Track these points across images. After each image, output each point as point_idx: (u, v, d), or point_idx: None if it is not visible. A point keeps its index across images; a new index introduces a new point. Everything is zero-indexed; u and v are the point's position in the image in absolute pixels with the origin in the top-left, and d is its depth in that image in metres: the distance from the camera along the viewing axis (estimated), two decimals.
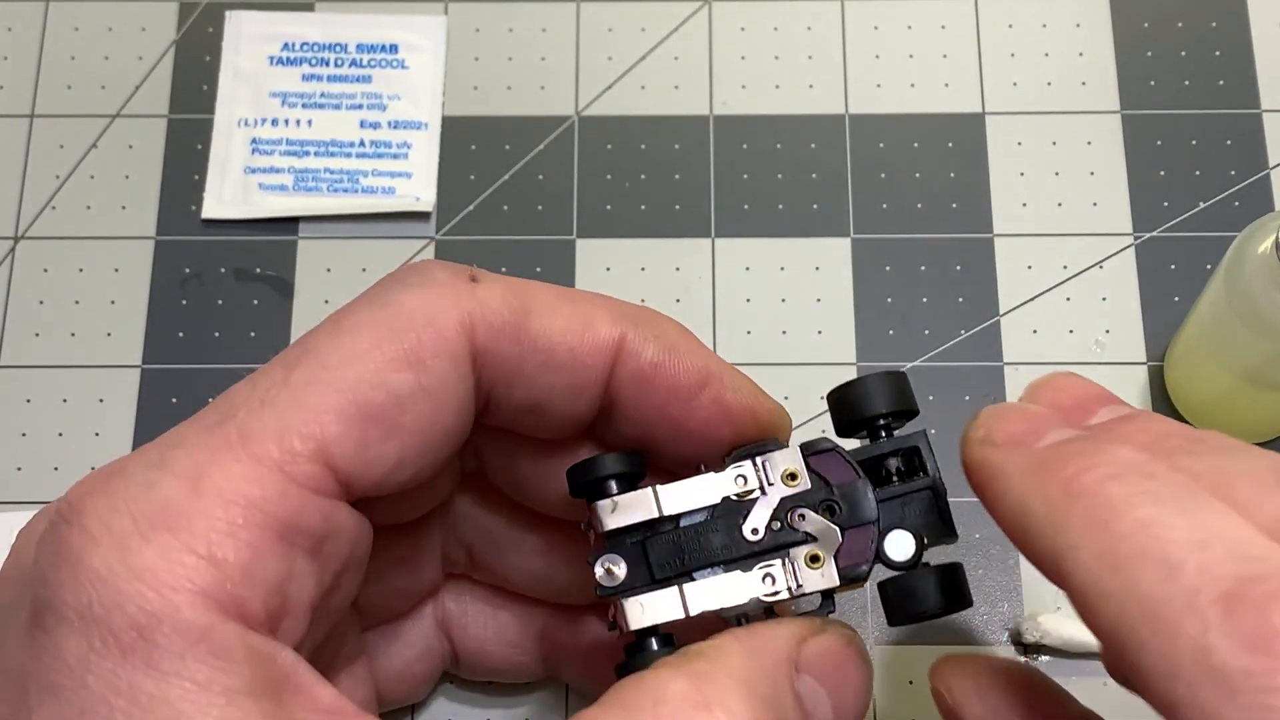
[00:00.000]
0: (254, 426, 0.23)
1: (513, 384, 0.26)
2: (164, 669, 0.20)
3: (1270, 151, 0.43)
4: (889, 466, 0.28)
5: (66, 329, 0.42)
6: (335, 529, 0.24)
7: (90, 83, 0.45)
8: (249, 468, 0.22)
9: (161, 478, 0.22)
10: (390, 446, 0.24)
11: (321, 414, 0.23)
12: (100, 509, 0.22)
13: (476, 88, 0.45)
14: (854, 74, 0.45)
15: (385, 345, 0.24)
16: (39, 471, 0.41)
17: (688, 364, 0.27)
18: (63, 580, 0.21)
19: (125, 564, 0.21)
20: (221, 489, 0.22)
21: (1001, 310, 0.42)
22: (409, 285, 0.25)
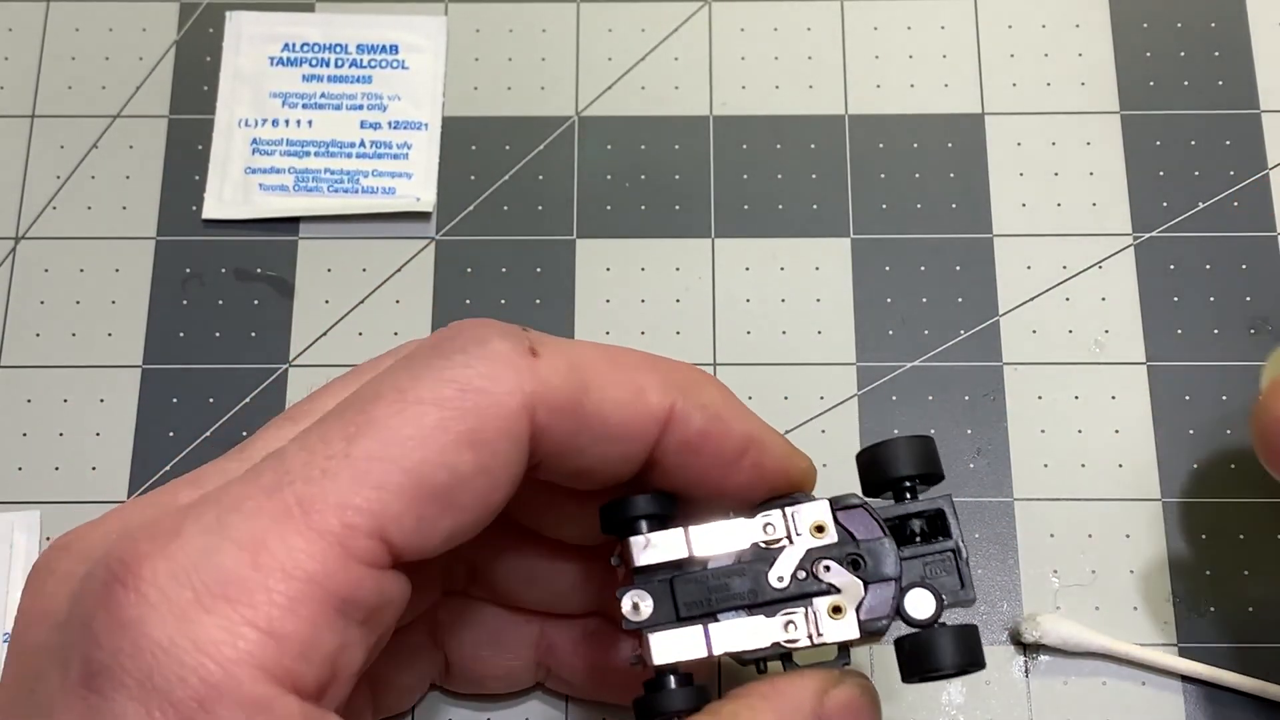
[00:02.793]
0: (314, 497, 0.23)
1: (565, 455, 0.26)
2: None
3: (1269, 152, 0.43)
4: (913, 527, 0.29)
5: (67, 329, 0.42)
6: (386, 600, 0.24)
7: (91, 83, 0.45)
8: (309, 541, 0.22)
9: (221, 545, 0.22)
10: (445, 523, 0.24)
11: (384, 492, 0.23)
12: (159, 574, 0.22)
13: (476, 88, 0.45)
14: (854, 74, 0.45)
15: (451, 425, 0.24)
16: (39, 471, 0.41)
17: (732, 432, 0.28)
18: (121, 646, 0.21)
19: (186, 635, 0.21)
20: (282, 562, 0.22)
21: (1001, 310, 0.42)
22: (471, 357, 0.25)
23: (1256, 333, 0.42)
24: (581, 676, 0.34)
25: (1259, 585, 0.39)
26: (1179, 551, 0.39)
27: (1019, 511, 0.40)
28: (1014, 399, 0.41)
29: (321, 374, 0.41)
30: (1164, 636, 0.38)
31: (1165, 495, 0.40)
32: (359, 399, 0.25)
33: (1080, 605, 0.39)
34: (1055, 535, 0.39)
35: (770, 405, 0.41)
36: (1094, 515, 0.39)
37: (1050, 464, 0.40)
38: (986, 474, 0.40)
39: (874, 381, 0.41)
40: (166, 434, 0.41)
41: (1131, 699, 0.38)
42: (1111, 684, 0.38)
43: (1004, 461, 0.40)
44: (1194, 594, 0.39)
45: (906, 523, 0.29)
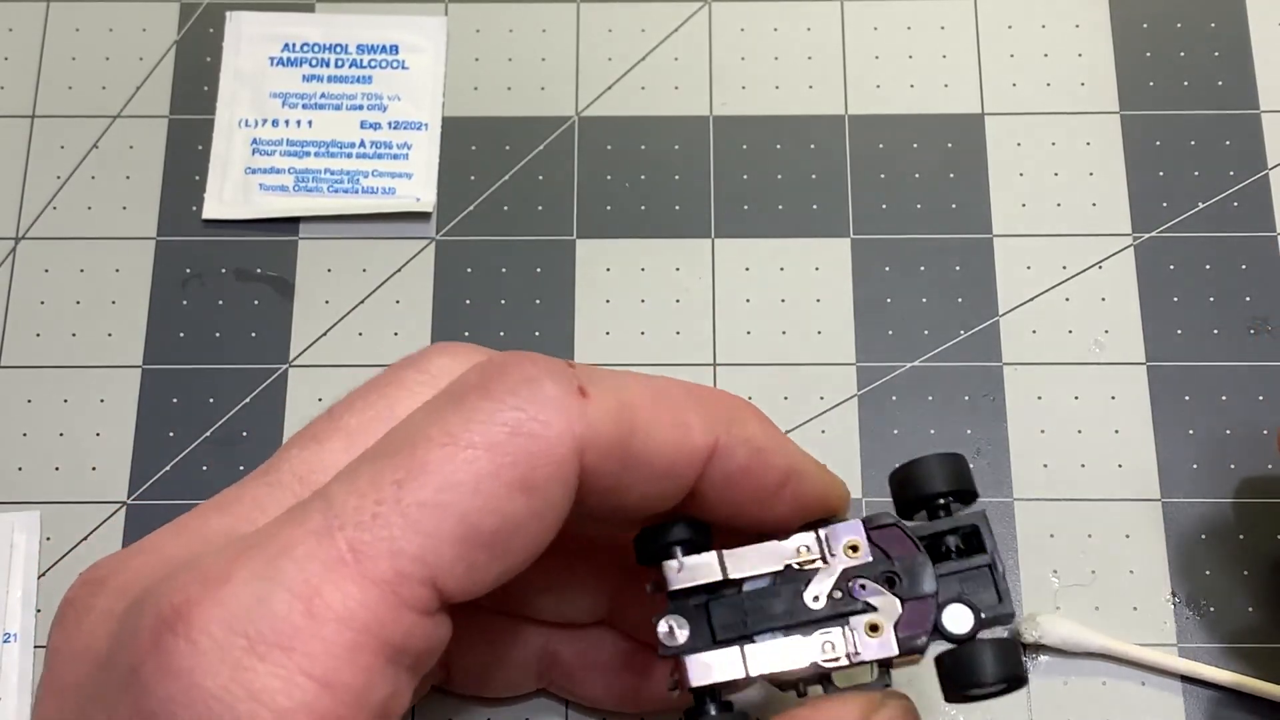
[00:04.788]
0: (366, 544, 0.23)
1: (608, 493, 0.26)
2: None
3: (1269, 152, 0.43)
4: (948, 544, 0.29)
5: (67, 329, 0.42)
6: (436, 644, 0.24)
7: (91, 83, 0.45)
8: (363, 589, 0.22)
9: (273, 592, 0.22)
10: (495, 567, 0.24)
11: (436, 540, 0.23)
12: (211, 622, 0.22)
13: (476, 88, 0.45)
14: (853, 74, 0.45)
15: (503, 472, 0.24)
16: (39, 471, 0.41)
17: (774, 465, 0.28)
18: (172, 695, 0.21)
19: (240, 684, 0.21)
20: (337, 611, 0.22)
21: (1001, 310, 0.42)
22: (523, 400, 0.25)
23: (1256, 333, 0.42)
24: (585, 688, 0.34)
25: (1259, 585, 0.39)
26: (1179, 551, 0.39)
27: (1019, 511, 0.40)
28: (1014, 399, 0.41)
29: (321, 374, 0.41)
30: (1164, 636, 0.38)
31: (1165, 495, 0.40)
32: (407, 439, 0.24)
33: (1080, 605, 0.39)
34: (1055, 535, 0.39)
35: (770, 405, 0.41)
36: (1094, 515, 0.40)
37: (1050, 464, 0.40)
38: (986, 474, 0.40)
39: (874, 381, 0.41)
40: (166, 434, 0.41)
41: (1131, 699, 0.38)
42: (1111, 684, 0.38)
43: (1004, 461, 0.40)
44: (1194, 594, 0.39)
45: (941, 540, 0.29)
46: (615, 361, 0.41)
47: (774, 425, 0.29)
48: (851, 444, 0.40)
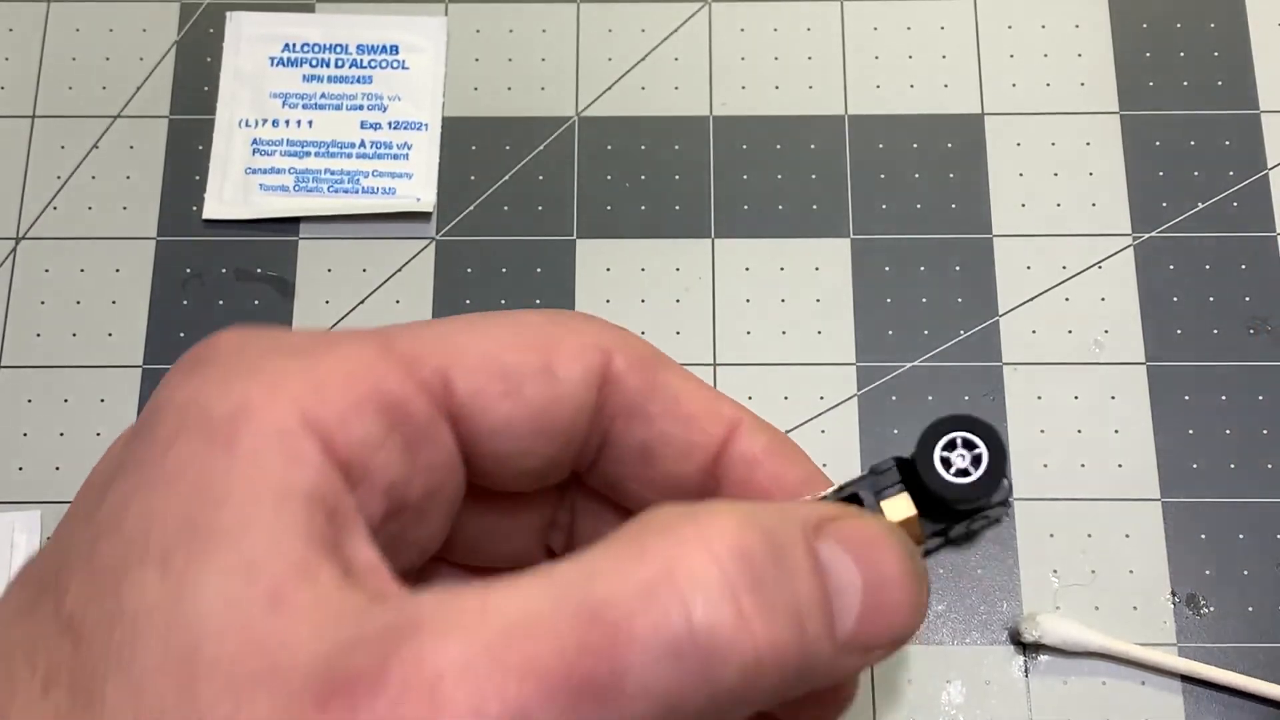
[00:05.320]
0: (394, 333, 0.24)
1: (633, 419, 0.26)
2: (235, 451, 0.20)
3: (1269, 152, 0.43)
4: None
5: (68, 329, 0.42)
6: (435, 436, 0.24)
7: (91, 83, 0.45)
8: (379, 354, 0.23)
9: (297, 333, 0.23)
10: (504, 405, 0.24)
11: (457, 346, 0.24)
12: (234, 332, 0.23)
13: (477, 88, 0.45)
14: (853, 75, 0.45)
15: (533, 329, 0.25)
16: (39, 471, 0.41)
17: (794, 469, 0.27)
18: (172, 382, 0.22)
19: (241, 364, 0.22)
20: (348, 352, 0.22)
21: (1000, 310, 0.42)
22: (565, 313, 0.26)
23: (1256, 333, 0.42)
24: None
25: (1259, 585, 0.39)
26: (1179, 551, 0.39)
27: (1019, 511, 0.40)
28: (1014, 399, 0.41)
29: None
30: (1164, 636, 0.38)
31: (1165, 495, 0.40)
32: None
33: (1080, 605, 0.39)
34: (1055, 535, 0.39)
35: (770, 405, 0.41)
36: (1094, 515, 0.40)
37: (1050, 464, 0.40)
38: None
39: (874, 381, 0.41)
40: None
41: (1131, 699, 0.38)
42: (1111, 684, 0.38)
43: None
44: (1194, 594, 0.39)
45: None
46: None
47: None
48: (851, 444, 0.40)
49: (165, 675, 0.18)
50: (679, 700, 0.18)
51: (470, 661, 0.18)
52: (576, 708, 0.18)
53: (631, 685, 0.18)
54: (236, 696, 0.18)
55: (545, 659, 0.18)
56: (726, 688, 0.19)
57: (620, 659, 0.18)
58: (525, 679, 0.18)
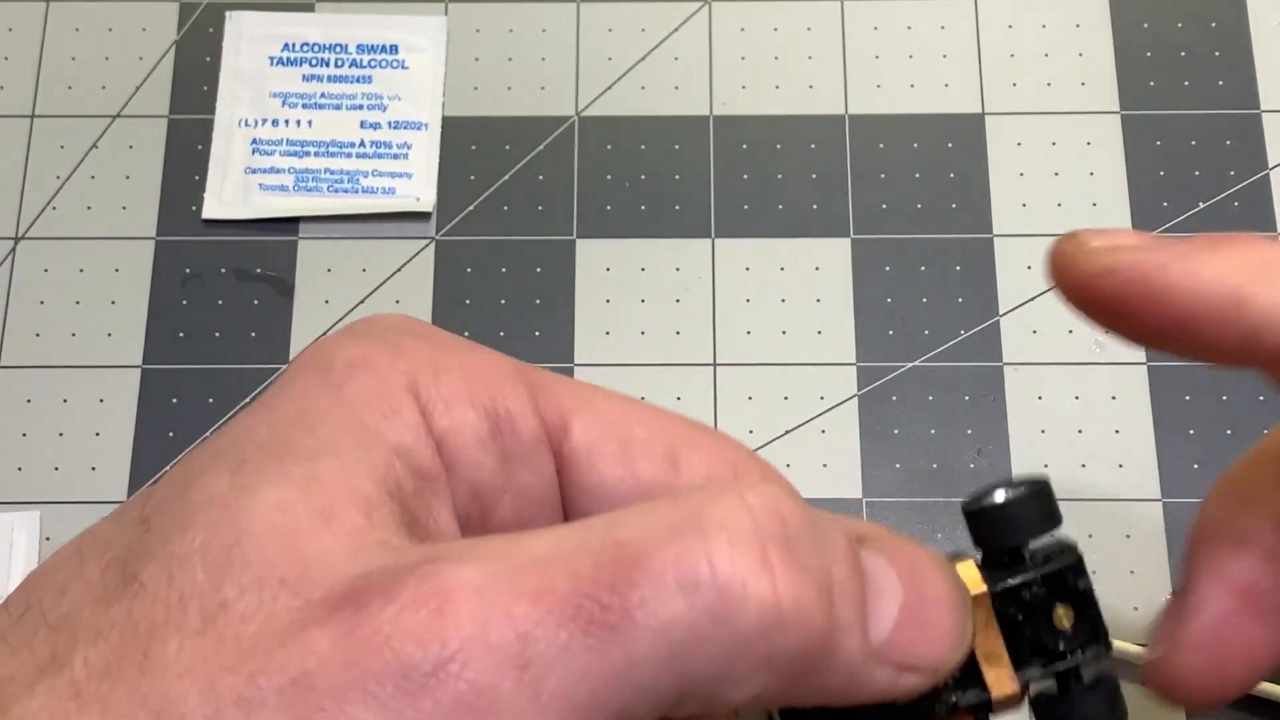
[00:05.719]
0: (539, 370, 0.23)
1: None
2: (342, 394, 0.21)
3: (1270, 152, 0.43)
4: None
5: (67, 329, 0.42)
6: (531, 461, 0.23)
7: (91, 83, 0.45)
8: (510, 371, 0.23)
9: (447, 335, 0.23)
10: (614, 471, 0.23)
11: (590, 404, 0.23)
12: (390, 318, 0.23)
13: (476, 88, 0.45)
14: (854, 74, 0.45)
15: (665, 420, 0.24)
16: (39, 471, 0.41)
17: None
18: (321, 339, 0.22)
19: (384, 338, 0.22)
20: (481, 360, 0.23)
21: (1001, 310, 0.42)
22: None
23: None
24: None
25: None
26: (1179, 552, 0.39)
27: None
28: (1014, 399, 0.41)
29: None
30: None
31: (1165, 495, 0.40)
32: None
33: None
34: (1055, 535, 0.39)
35: (770, 405, 0.41)
36: (1094, 515, 0.39)
37: (1050, 464, 0.40)
38: (987, 474, 0.40)
39: (874, 382, 0.41)
40: (166, 434, 0.41)
41: (1131, 699, 0.38)
42: None
43: (1004, 461, 0.40)
44: None
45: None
46: (615, 362, 0.41)
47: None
48: (851, 444, 0.40)
49: (200, 562, 0.19)
50: (691, 641, 0.18)
51: (483, 584, 0.18)
52: (584, 633, 0.17)
53: (642, 615, 0.17)
54: (260, 594, 0.18)
55: (557, 585, 0.18)
56: (743, 637, 0.18)
57: (633, 589, 0.17)
58: (535, 602, 0.17)
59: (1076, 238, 0.24)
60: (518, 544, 0.19)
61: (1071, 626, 0.24)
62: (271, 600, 0.18)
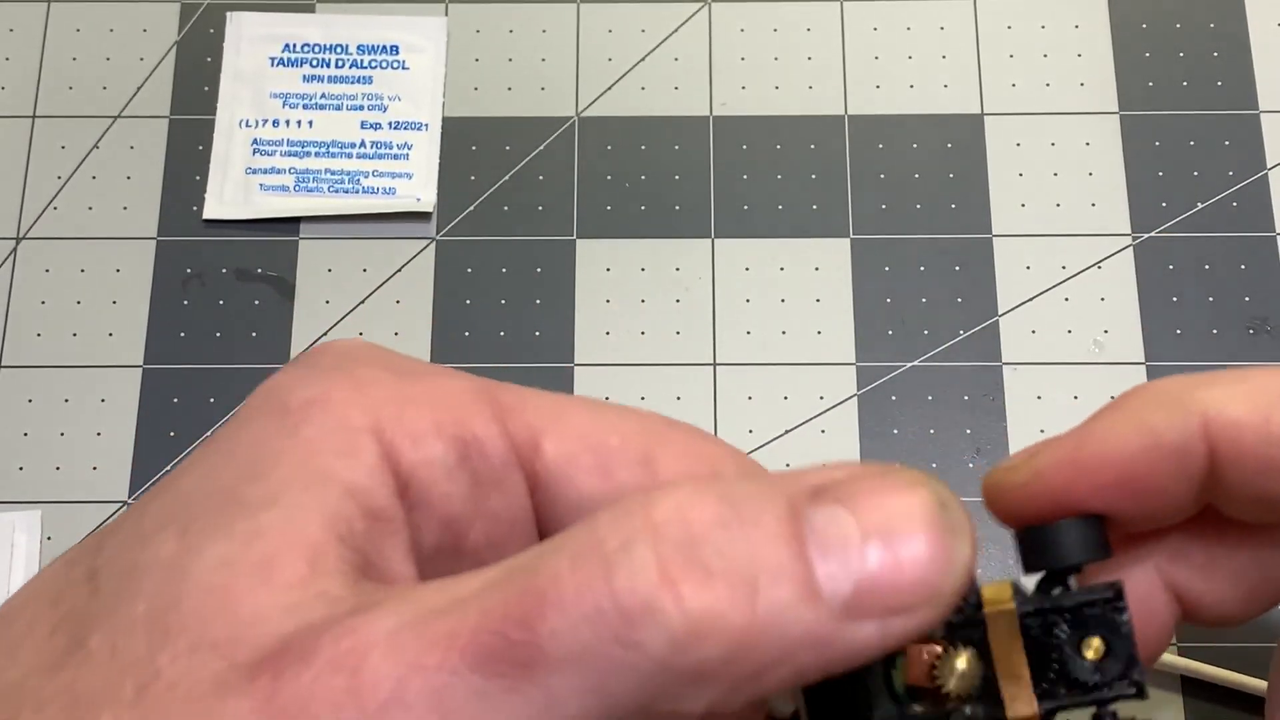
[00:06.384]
0: (503, 386, 0.23)
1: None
2: (297, 434, 0.20)
3: (1268, 152, 0.43)
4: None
5: (68, 329, 0.42)
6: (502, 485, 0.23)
7: (92, 84, 0.45)
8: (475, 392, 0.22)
9: (405, 359, 0.23)
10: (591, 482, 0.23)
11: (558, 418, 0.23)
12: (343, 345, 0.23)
13: (477, 88, 0.45)
14: (853, 75, 0.45)
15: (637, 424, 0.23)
16: (40, 471, 0.41)
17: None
18: (274, 374, 0.22)
19: (334, 369, 0.22)
20: (443, 383, 0.22)
21: (1000, 310, 0.42)
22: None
23: (1255, 333, 0.42)
24: None
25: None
26: None
27: None
28: (1013, 399, 0.41)
29: None
30: None
31: None
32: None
33: None
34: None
35: (770, 405, 0.41)
36: None
37: None
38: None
39: (874, 381, 0.41)
40: (166, 434, 0.41)
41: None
42: None
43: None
44: None
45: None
46: (615, 362, 0.41)
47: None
48: (851, 444, 0.40)
49: (143, 630, 0.18)
50: (608, 669, 0.17)
51: (399, 636, 0.17)
52: (499, 674, 0.17)
53: (553, 648, 0.17)
54: (190, 660, 0.18)
55: (468, 628, 0.17)
56: (656, 657, 0.17)
57: (541, 622, 0.17)
58: (448, 649, 0.17)
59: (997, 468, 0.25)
60: (443, 588, 0.18)
61: (1102, 659, 0.23)
62: (200, 665, 0.18)
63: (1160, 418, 0.24)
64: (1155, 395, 0.25)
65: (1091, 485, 0.24)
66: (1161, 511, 0.25)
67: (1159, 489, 0.24)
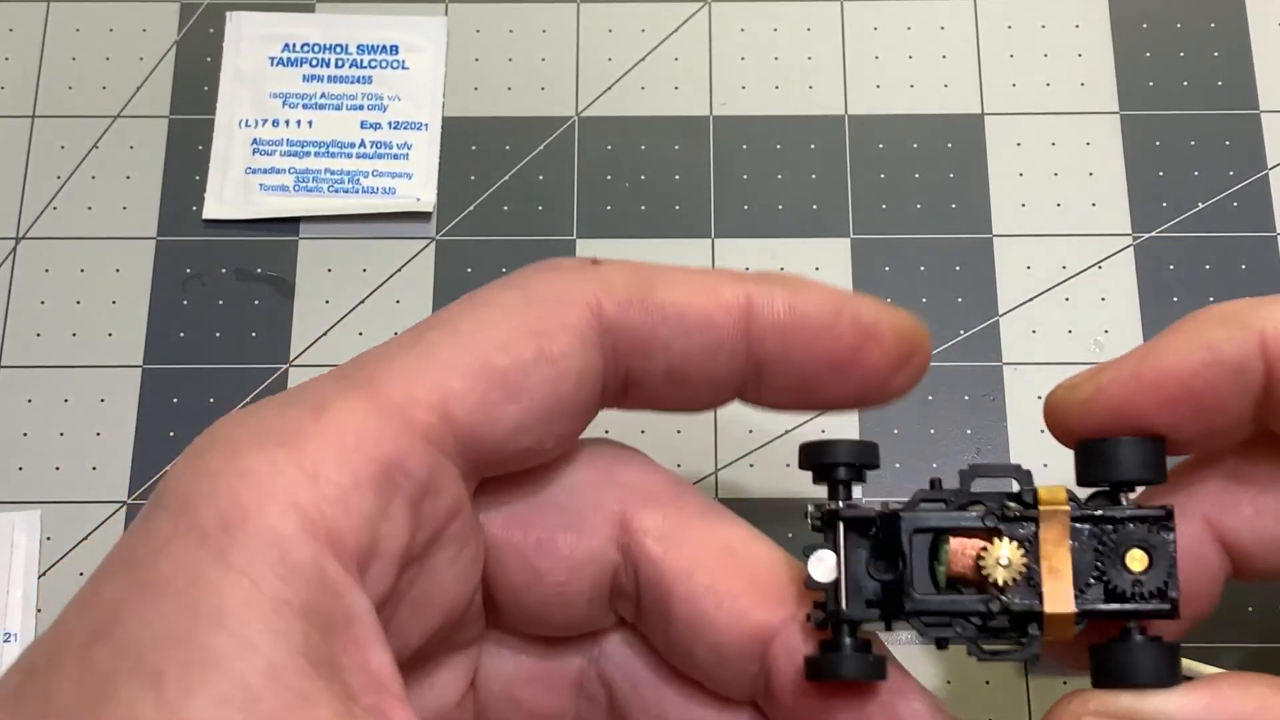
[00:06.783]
0: (383, 375, 0.24)
1: (649, 353, 0.26)
2: (230, 563, 0.21)
3: (1269, 152, 0.43)
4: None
5: (67, 329, 0.42)
6: (439, 483, 0.24)
7: (91, 83, 0.45)
8: (370, 406, 0.23)
9: (289, 405, 0.23)
10: (511, 409, 0.25)
11: (448, 369, 0.24)
12: (232, 422, 0.23)
13: (477, 88, 0.45)
14: (853, 74, 0.45)
15: (515, 318, 0.25)
16: (39, 471, 0.41)
17: (817, 298, 0.27)
18: (176, 473, 0.22)
19: (233, 465, 0.22)
20: (340, 421, 0.23)
21: (1000, 310, 0.42)
22: (538, 270, 0.27)
23: None
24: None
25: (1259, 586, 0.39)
26: None
27: None
28: (1014, 399, 0.41)
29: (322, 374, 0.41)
30: None
31: None
32: (437, 312, 0.26)
33: None
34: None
35: None
36: None
37: (1050, 464, 0.40)
38: None
39: None
40: (166, 434, 0.41)
41: None
42: None
43: (1003, 461, 0.40)
44: None
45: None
46: None
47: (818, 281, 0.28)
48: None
49: None
50: None
51: None
52: None
53: None
54: None
55: None
56: None
57: None
58: None
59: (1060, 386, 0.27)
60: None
61: (1143, 572, 0.25)
62: None
63: (1220, 334, 0.25)
64: (1216, 315, 0.25)
65: (1154, 400, 0.25)
66: (1220, 429, 0.26)
67: (1218, 404, 0.25)
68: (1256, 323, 0.25)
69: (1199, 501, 0.27)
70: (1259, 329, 0.25)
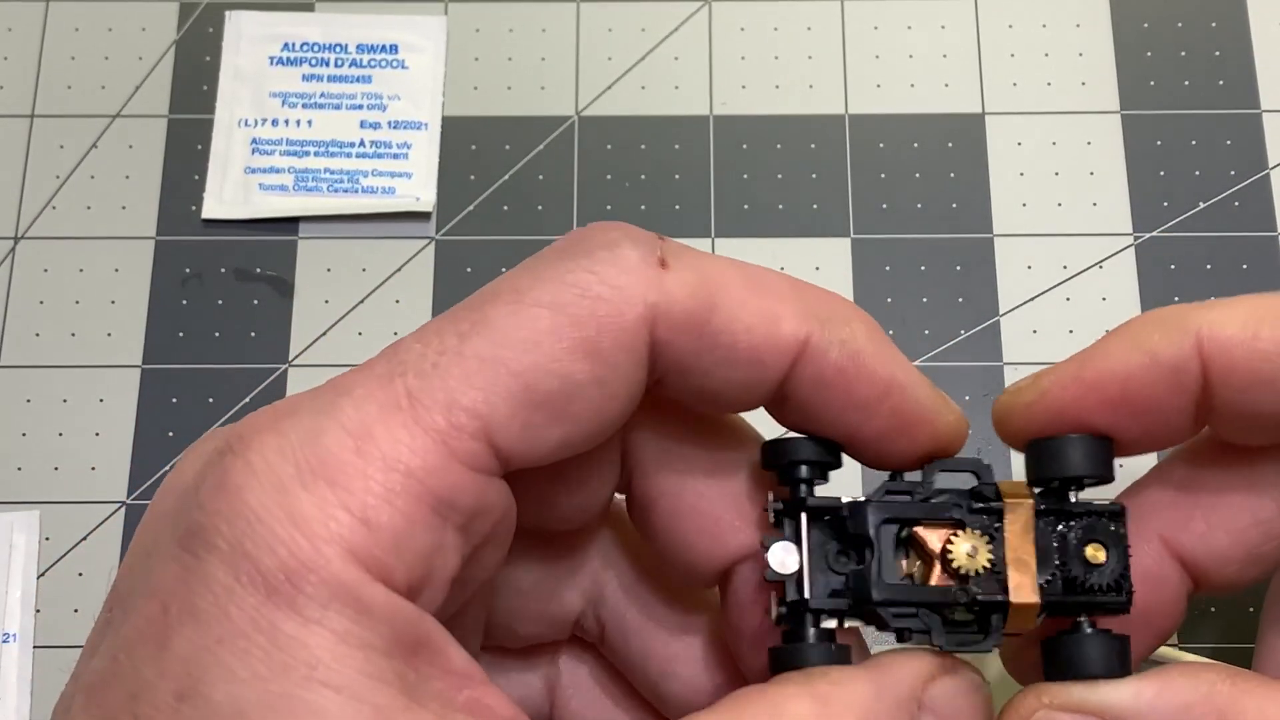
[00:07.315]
0: (423, 391, 0.23)
1: (688, 374, 0.25)
2: (306, 615, 0.20)
3: (1270, 152, 0.43)
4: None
5: (67, 329, 0.42)
6: (487, 507, 0.24)
7: (90, 83, 0.45)
8: (413, 436, 0.22)
9: (328, 427, 0.22)
10: (555, 432, 0.24)
11: (492, 394, 0.23)
12: (266, 446, 0.22)
13: (476, 88, 0.45)
14: (854, 74, 0.45)
15: (565, 332, 0.23)
16: (39, 471, 0.41)
17: (871, 373, 0.26)
18: (219, 509, 0.21)
19: (282, 508, 0.21)
20: (384, 453, 0.22)
21: (1001, 310, 0.42)
22: (596, 262, 0.24)
23: None
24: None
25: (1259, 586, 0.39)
26: None
27: None
28: None
29: (322, 374, 0.41)
30: None
31: None
32: (479, 296, 0.25)
33: None
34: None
35: None
36: None
37: None
38: None
39: None
40: (166, 434, 0.41)
41: None
42: None
43: (1004, 461, 0.40)
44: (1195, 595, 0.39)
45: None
46: None
47: (882, 333, 0.27)
48: None
49: None
50: None
51: None
52: None
53: None
54: None
55: None
56: None
57: None
58: None
59: (1005, 392, 0.27)
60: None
61: (1101, 565, 0.25)
62: None
63: (1158, 338, 0.25)
64: (1154, 318, 0.26)
65: (1094, 401, 0.26)
66: (1161, 429, 0.26)
67: (1157, 406, 0.26)
68: (1193, 326, 0.25)
69: (1154, 520, 0.28)
70: (1195, 332, 0.25)
